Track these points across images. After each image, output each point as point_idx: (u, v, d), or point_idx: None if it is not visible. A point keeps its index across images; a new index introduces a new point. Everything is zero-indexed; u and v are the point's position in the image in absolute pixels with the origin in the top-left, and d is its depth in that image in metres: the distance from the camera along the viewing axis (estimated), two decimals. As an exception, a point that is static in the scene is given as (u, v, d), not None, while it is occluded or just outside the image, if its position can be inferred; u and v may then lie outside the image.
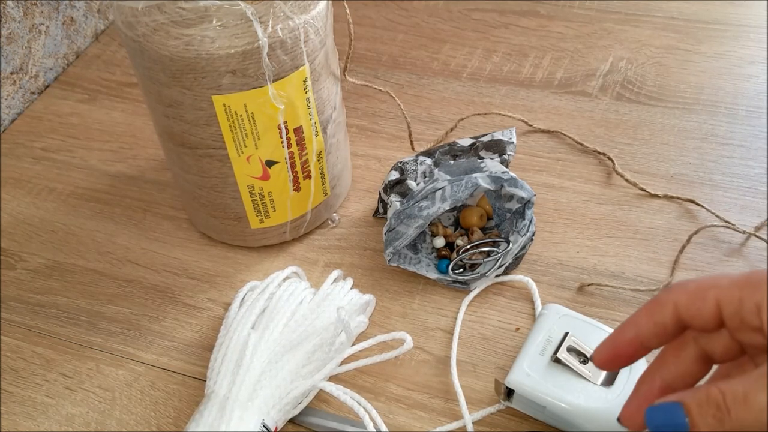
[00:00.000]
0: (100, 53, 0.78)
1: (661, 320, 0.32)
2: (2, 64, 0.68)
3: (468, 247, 0.52)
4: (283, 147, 0.49)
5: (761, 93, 0.66)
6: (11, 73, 0.70)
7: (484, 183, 0.50)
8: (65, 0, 0.74)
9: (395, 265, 0.52)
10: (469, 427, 0.45)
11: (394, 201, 0.52)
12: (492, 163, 0.52)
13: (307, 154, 0.51)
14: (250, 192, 0.51)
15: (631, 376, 0.43)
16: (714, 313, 0.31)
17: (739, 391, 0.29)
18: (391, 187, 0.54)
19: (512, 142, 0.55)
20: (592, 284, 0.52)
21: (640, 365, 0.44)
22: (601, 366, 0.34)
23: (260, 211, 0.53)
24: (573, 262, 0.54)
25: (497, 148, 0.55)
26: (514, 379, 0.43)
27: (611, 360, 0.34)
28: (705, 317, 0.31)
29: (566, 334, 0.45)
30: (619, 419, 0.34)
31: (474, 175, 0.51)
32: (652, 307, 0.33)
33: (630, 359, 0.34)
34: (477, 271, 0.53)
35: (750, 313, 0.30)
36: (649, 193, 0.58)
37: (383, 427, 0.44)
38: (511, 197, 0.53)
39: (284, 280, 0.50)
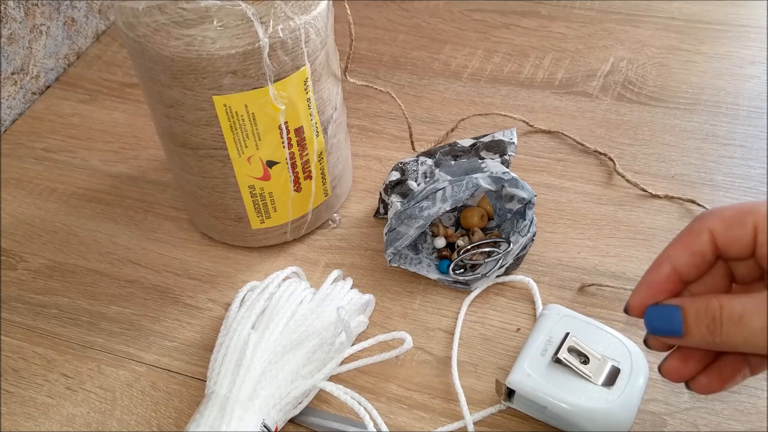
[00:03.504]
0: (101, 54, 0.78)
1: (698, 249, 0.31)
2: (3, 65, 0.68)
3: (469, 247, 0.52)
4: (283, 147, 0.49)
5: (762, 93, 0.66)
6: (12, 74, 0.70)
7: (484, 183, 0.50)
8: (66, 0, 0.74)
9: (396, 265, 0.52)
10: (470, 427, 0.45)
11: (395, 201, 0.52)
12: (493, 164, 0.52)
13: (307, 154, 0.51)
14: (250, 192, 0.51)
15: (631, 377, 0.43)
16: (752, 240, 0.30)
17: (736, 309, 0.28)
18: (391, 187, 0.54)
19: (513, 143, 0.55)
20: (593, 285, 0.52)
21: (641, 365, 0.44)
22: (636, 312, 0.32)
23: (261, 212, 0.53)
24: (574, 262, 0.54)
25: (498, 148, 0.55)
26: (514, 380, 0.43)
27: (649, 302, 0.32)
28: (742, 245, 0.30)
29: (567, 334, 0.45)
30: (625, 308, 0.33)
31: (475, 175, 0.51)
32: (686, 237, 0.31)
33: (668, 296, 0.32)
34: (478, 271, 0.53)
35: (746, 234, 0.29)
36: (650, 193, 0.58)
37: (384, 427, 0.44)
38: (511, 198, 0.53)
39: (284, 280, 0.50)
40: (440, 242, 0.54)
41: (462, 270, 0.53)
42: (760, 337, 0.28)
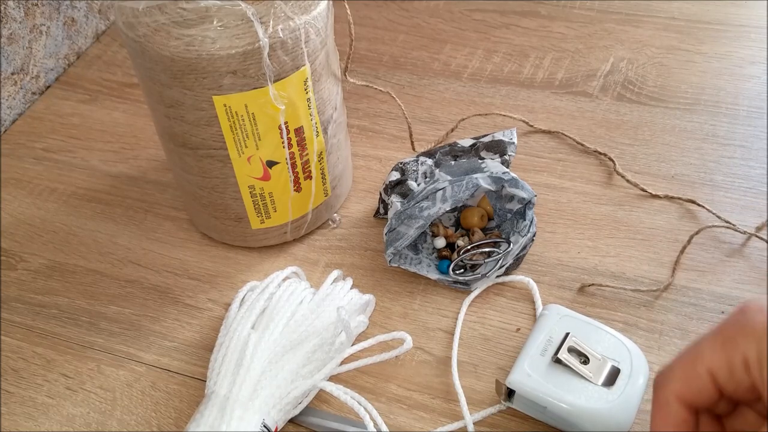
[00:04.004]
0: (101, 54, 0.78)
1: (678, 419, 0.31)
2: (3, 65, 0.68)
3: (469, 247, 0.52)
4: (283, 147, 0.49)
5: (762, 93, 0.66)
6: (12, 74, 0.70)
7: (484, 183, 0.50)
8: (66, 0, 0.74)
9: (396, 265, 0.52)
10: (470, 427, 0.45)
11: (395, 201, 0.52)
12: (493, 164, 0.52)
13: (307, 154, 0.51)
14: (250, 192, 0.51)
15: (631, 377, 0.43)
16: (713, 385, 0.30)
17: None
18: (391, 187, 0.54)
19: (513, 143, 0.55)
20: (592, 285, 0.52)
21: (641, 365, 0.44)
22: None
23: (261, 212, 0.53)
24: (574, 262, 0.54)
25: (498, 148, 0.55)
26: (514, 380, 0.43)
27: None
28: (708, 393, 0.30)
29: (567, 334, 0.45)
30: None
31: (475, 175, 0.51)
32: (660, 413, 0.32)
33: None
34: (478, 271, 0.53)
35: (740, 373, 0.29)
36: (650, 193, 0.58)
37: (384, 428, 0.44)
38: (511, 198, 0.53)
39: (284, 280, 0.50)
40: (440, 242, 0.54)
41: (462, 270, 0.53)
42: None
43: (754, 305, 0.30)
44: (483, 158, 0.55)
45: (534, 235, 0.52)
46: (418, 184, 0.53)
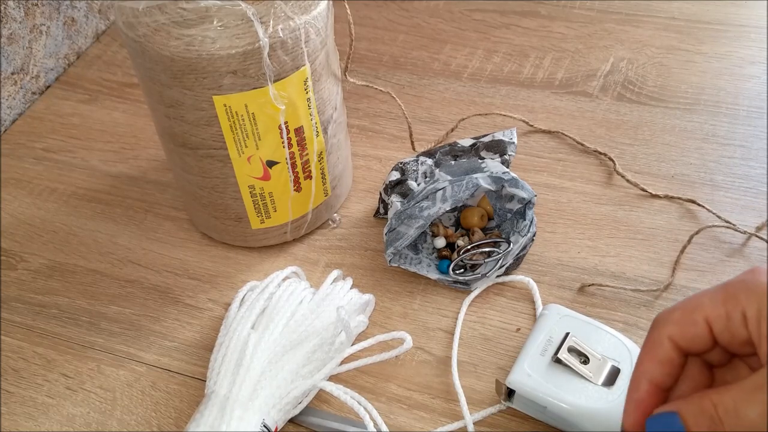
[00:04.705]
0: (101, 54, 0.78)
1: (665, 357, 0.32)
2: (3, 65, 0.68)
3: (469, 247, 0.52)
4: (283, 147, 0.49)
5: (762, 93, 0.66)
6: (12, 74, 0.70)
7: (484, 183, 0.50)
8: (66, 0, 0.74)
9: (396, 265, 0.52)
10: (470, 427, 0.45)
11: (395, 201, 0.52)
12: (493, 164, 0.52)
13: (307, 154, 0.51)
14: (250, 192, 0.51)
15: (631, 376, 0.43)
16: (708, 334, 0.31)
17: (729, 403, 0.29)
18: (391, 187, 0.54)
19: (513, 143, 0.55)
20: (593, 284, 0.52)
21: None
22: (634, 428, 0.33)
23: (261, 212, 0.53)
24: (574, 262, 0.54)
25: (498, 148, 0.55)
26: (514, 380, 0.43)
27: (641, 419, 0.33)
28: (701, 340, 0.31)
29: (567, 334, 0.45)
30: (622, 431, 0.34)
31: (475, 175, 0.51)
32: (650, 349, 0.33)
33: (657, 405, 0.33)
34: (478, 271, 0.53)
35: (738, 326, 0.30)
36: (650, 193, 0.58)
37: (384, 427, 0.44)
38: (511, 197, 0.53)
39: (284, 280, 0.50)
40: (440, 242, 0.54)
41: (462, 270, 0.53)
42: (762, 425, 0.28)
43: (763, 268, 0.31)
44: (483, 158, 0.55)
45: (534, 235, 0.52)
46: (418, 184, 0.53)
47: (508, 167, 0.54)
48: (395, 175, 0.54)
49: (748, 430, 0.29)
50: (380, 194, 0.56)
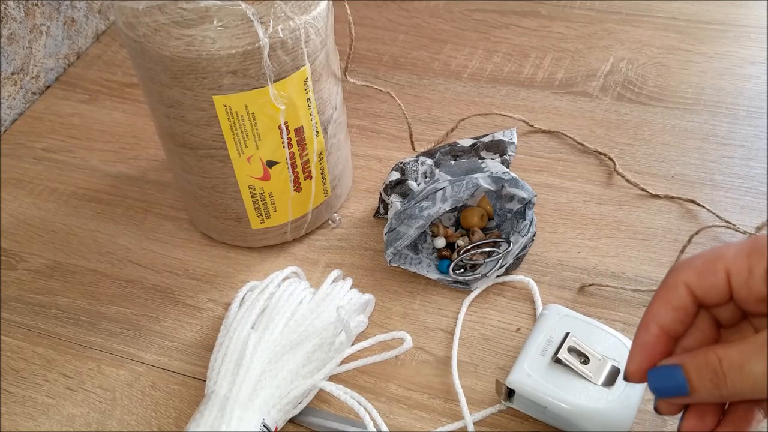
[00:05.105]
0: (101, 54, 0.78)
1: (678, 304, 0.32)
2: (3, 65, 0.68)
3: (469, 247, 0.52)
4: (283, 147, 0.49)
5: (762, 93, 0.66)
6: (12, 74, 0.70)
7: (484, 183, 0.50)
8: (66, 0, 0.74)
9: (396, 265, 0.52)
10: (470, 427, 0.45)
11: (395, 201, 0.52)
12: (493, 164, 0.52)
13: (307, 154, 0.51)
14: (250, 192, 0.51)
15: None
16: (726, 286, 0.30)
17: (735, 358, 0.29)
18: (391, 187, 0.54)
19: (513, 143, 0.55)
20: (592, 284, 0.52)
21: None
22: (637, 378, 0.33)
23: (261, 212, 0.53)
24: (574, 262, 0.54)
25: (498, 148, 0.55)
26: (514, 380, 0.43)
27: (648, 367, 0.32)
28: (718, 291, 0.31)
29: (567, 334, 0.45)
30: (625, 377, 0.33)
31: (475, 175, 0.51)
32: (664, 293, 0.32)
33: (664, 356, 0.33)
34: (478, 271, 0.53)
35: (759, 281, 0.30)
36: (650, 193, 0.58)
37: (384, 427, 0.44)
38: (511, 198, 0.53)
39: (284, 280, 0.50)
40: (440, 242, 0.54)
41: (462, 270, 0.53)
42: (765, 382, 0.28)
43: None
44: (483, 158, 0.55)
45: (534, 235, 0.52)
46: (418, 184, 0.53)
47: (508, 167, 0.54)
48: (395, 175, 0.54)
49: (750, 387, 0.28)
50: (380, 194, 0.56)
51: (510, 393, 0.44)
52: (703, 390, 0.30)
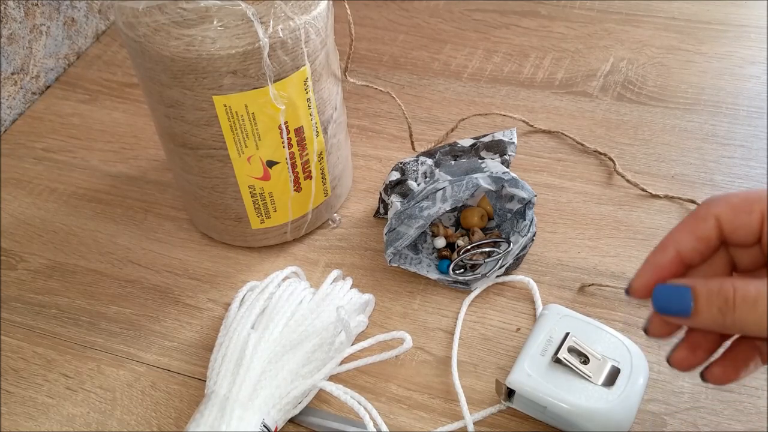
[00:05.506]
0: (101, 54, 0.78)
1: (704, 234, 0.31)
2: (3, 65, 0.68)
3: (469, 247, 0.52)
4: (283, 147, 0.49)
5: (762, 93, 0.66)
6: (12, 74, 0.70)
7: (484, 183, 0.50)
8: (66, 0, 0.74)
9: (396, 265, 0.52)
10: (470, 427, 0.45)
11: (395, 201, 0.52)
12: (493, 164, 0.52)
13: (307, 154, 0.51)
14: (250, 192, 0.51)
15: (631, 377, 0.43)
16: (758, 228, 0.30)
17: (751, 293, 0.29)
18: (391, 187, 0.54)
19: (513, 143, 0.55)
20: (593, 285, 0.52)
21: (641, 365, 0.44)
22: (640, 293, 0.32)
23: (261, 212, 0.53)
24: (574, 262, 0.54)
25: (498, 148, 0.55)
26: (514, 380, 0.43)
27: (652, 284, 0.32)
28: (748, 231, 0.31)
29: (567, 334, 0.45)
30: (628, 289, 0.33)
31: (475, 175, 0.51)
32: (692, 222, 0.32)
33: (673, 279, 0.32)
34: (478, 271, 0.53)
35: None
36: (650, 193, 0.58)
37: (384, 427, 0.44)
38: (511, 198, 0.53)
39: (284, 280, 0.50)
40: (440, 242, 0.54)
41: (462, 270, 0.53)
42: None
43: None
44: (483, 158, 0.55)
45: (534, 235, 0.52)
46: (418, 184, 0.53)
47: (508, 167, 0.54)
48: (395, 175, 0.54)
49: (758, 324, 0.28)
50: (380, 194, 0.56)
51: (510, 393, 0.44)
52: (707, 316, 0.30)
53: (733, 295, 0.29)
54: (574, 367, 0.43)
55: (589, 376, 0.43)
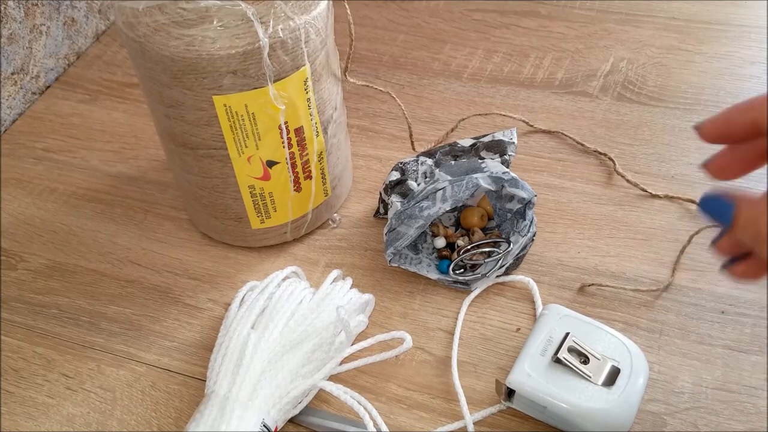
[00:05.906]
0: (101, 54, 0.78)
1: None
2: (3, 65, 0.68)
3: (469, 247, 0.52)
4: (283, 147, 0.49)
5: (762, 94, 0.66)
6: (12, 74, 0.70)
7: (484, 183, 0.50)
8: (66, 0, 0.74)
9: (396, 265, 0.52)
10: (470, 427, 0.45)
11: (395, 201, 0.52)
12: (493, 164, 0.52)
13: (307, 154, 0.51)
14: (250, 192, 0.51)
15: (631, 377, 0.43)
16: None
17: None
18: (391, 187, 0.54)
19: (513, 143, 0.55)
20: (593, 285, 0.52)
21: (641, 365, 0.44)
22: (706, 135, 0.33)
23: (261, 212, 0.53)
24: (574, 262, 0.54)
25: (498, 148, 0.55)
26: (514, 380, 0.43)
27: (720, 134, 0.32)
28: None
29: (567, 334, 0.45)
30: (699, 127, 0.33)
31: (475, 175, 0.51)
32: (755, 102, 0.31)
33: (738, 140, 0.32)
34: (478, 271, 0.53)
35: None
36: (650, 193, 0.58)
37: (384, 427, 0.44)
38: (511, 198, 0.53)
39: (284, 280, 0.50)
40: (440, 242, 0.54)
41: (462, 270, 0.53)
42: None
43: None
44: (483, 158, 0.55)
45: (534, 235, 0.52)
46: (418, 184, 0.53)
47: (508, 167, 0.54)
48: (395, 175, 0.54)
49: None
50: (380, 194, 0.56)
51: (510, 393, 0.44)
52: (742, 233, 0.30)
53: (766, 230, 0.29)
54: (574, 367, 0.43)
55: (589, 376, 0.43)
